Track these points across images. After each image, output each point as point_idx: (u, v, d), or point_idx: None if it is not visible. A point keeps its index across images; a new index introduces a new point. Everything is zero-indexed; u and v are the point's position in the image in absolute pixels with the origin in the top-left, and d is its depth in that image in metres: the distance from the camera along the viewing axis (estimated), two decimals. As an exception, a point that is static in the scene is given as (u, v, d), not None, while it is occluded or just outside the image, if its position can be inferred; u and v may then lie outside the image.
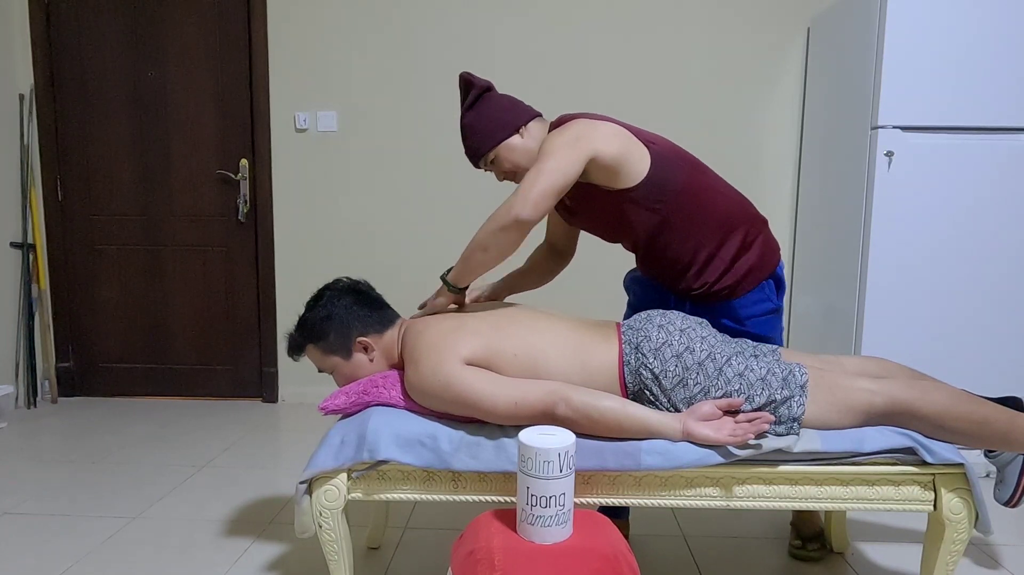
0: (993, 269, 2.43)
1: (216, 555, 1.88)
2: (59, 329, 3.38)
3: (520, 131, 1.64)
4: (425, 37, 3.15)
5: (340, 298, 1.62)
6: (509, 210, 1.47)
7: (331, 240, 3.28)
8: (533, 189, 1.47)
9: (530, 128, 1.66)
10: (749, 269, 1.68)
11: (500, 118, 1.64)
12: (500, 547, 1.21)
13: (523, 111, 1.66)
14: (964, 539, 1.41)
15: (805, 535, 1.90)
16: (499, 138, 1.63)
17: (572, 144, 1.53)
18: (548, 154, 1.52)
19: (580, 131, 1.55)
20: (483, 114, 1.65)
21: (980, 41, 2.34)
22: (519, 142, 1.64)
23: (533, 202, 1.46)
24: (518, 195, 1.47)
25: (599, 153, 1.54)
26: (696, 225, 1.65)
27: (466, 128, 1.67)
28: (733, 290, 1.68)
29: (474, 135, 1.65)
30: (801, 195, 3.10)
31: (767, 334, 1.73)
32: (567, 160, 1.51)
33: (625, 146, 1.58)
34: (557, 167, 1.50)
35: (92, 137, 3.29)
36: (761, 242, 1.71)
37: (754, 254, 1.69)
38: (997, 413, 1.41)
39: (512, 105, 1.67)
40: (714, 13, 3.07)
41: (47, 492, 2.28)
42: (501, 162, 1.66)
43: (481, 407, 1.41)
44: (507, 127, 1.64)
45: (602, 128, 1.57)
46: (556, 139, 1.54)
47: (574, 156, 1.51)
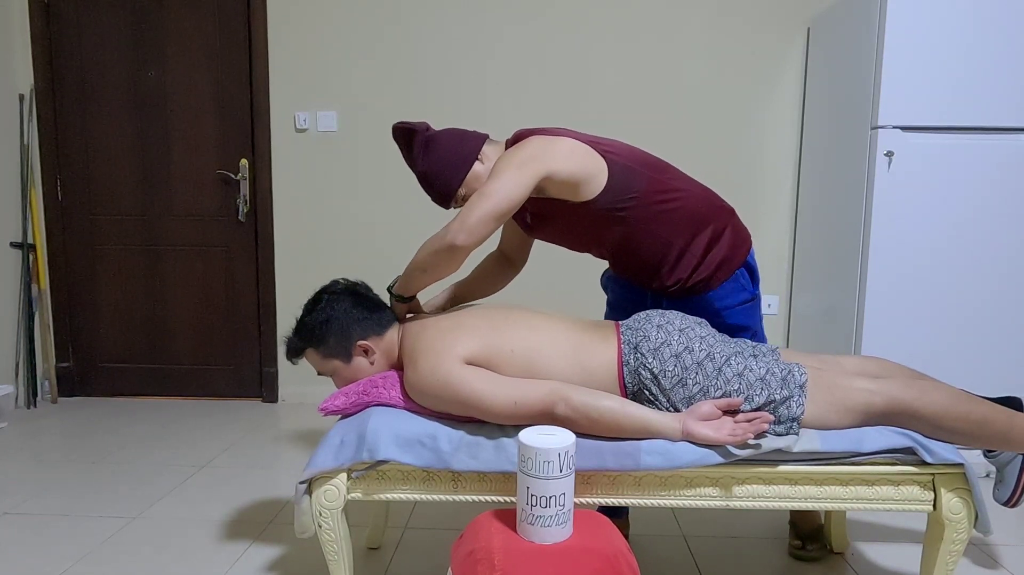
0: (993, 269, 2.43)
1: (216, 555, 1.88)
2: (59, 329, 3.38)
3: (480, 157, 1.64)
4: (425, 37, 3.15)
5: (338, 301, 1.61)
6: (445, 236, 1.48)
7: (331, 240, 3.28)
8: (472, 215, 1.47)
9: (486, 152, 1.65)
10: (721, 261, 1.68)
11: (456, 153, 1.63)
12: (500, 547, 1.21)
13: (472, 139, 1.65)
14: (964, 539, 1.41)
15: (804, 534, 1.90)
16: (463, 174, 1.62)
17: (521, 166, 1.51)
18: (494, 176, 1.51)
19: (533, 151, 1.54)
20: (437, 156, 1.63)
21: (980, 41, 2.34)
22: (482, 168, 1.63)
23: (469, 230, 1.47)
24: (457, 220, 1.47)
25: (553, 172, 1.54)
26: (663, 226, 1.65)
27: (427, 176, 1.64)
28: (708, 283, 1.69)
29: (438, 179, 1.63)
30: (801, 195, 3.10)
31: (747, 323, 1.73)
32: (512, 182, 1.49)
33: (582, 162, 1.57)
34: (501, 190, 1.49)
35: (92, 137, 3.29)
36: (730, 233, 1.71)
37: (724, 246, 1.69)
38: (996, 413, 1.41)
39: (460, 137, 1.65)
40: (714, 14, 3.07)
41: (47, 492, 2.28)
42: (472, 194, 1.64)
43: (480, 407, 1.41)
44: (467, 159, 1.62)
45: (558, 145, 1.56)
46: (508, 159, 1.54)
47: (522, 178, 1.50)
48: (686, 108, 3.13)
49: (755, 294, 1.75)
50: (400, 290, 1.63)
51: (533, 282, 3.19)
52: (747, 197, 3.16)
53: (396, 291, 1.64)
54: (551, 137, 1.59)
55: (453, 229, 1.47)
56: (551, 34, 3.12)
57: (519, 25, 3.12)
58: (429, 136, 1.65)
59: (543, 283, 3.21)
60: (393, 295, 1.65)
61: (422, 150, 1.64)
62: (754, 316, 1.75)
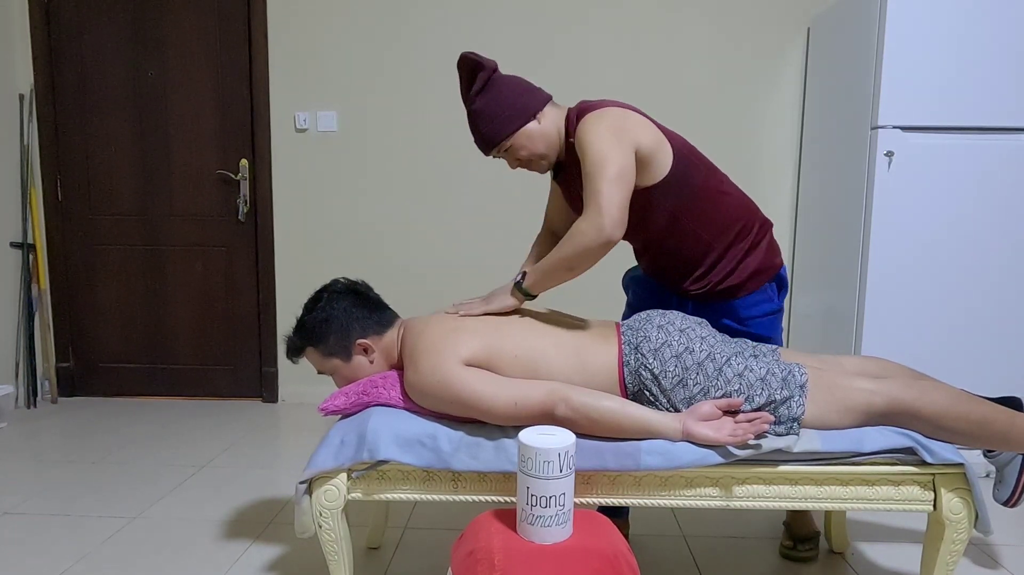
0: (993, 269, 2.43)
1: (216, 555, 1.88)
2: (59, 329, 3.38)
3: (537, 117, 1.58)
4: (425, 37, 3.15)
5: (338, 300, 1.61)
6: (600, 232, 1.42)
7: (331, 240, 3.28)
8: (614, 205, 1.42)
9: (546, 113, 1.59)
10: (754, 271, 1.67)
11: (516, 103, 1.56)
12: (500, 547, 1.21)
13: (538, 95, 1.59)
14: (964, 539, 1.41)
15: (797, 536, 1.89)
16: (516, 125, 1.56)
17: (619, 138, 1.47)
18: (604, 157, 1.45)
19: (618, 122, 1.50)
20: (496, 99, 1.55)
21: (980, 41, 2.34)
22: (537, 128, 1.58)
23: (618, 220, 1.43)
24: (599, 214, 1.42)
25: (638, 146, 1.51)
26: (707, 226, 1.63)
27: (478, 115, 1.56)
28: (736, 291, 1.68)
29: (488, 122, 1.56)
30: (801, 195, 3.10)
31: (768, 334, 1.73)
32: (625, 158, 1.46)
33: (657, 139, 1.55)
34: (622, 170, 1.45)
35: (92, 137, 3.29)
36: (766, 245, 1.70)
37: (759, 256, 1.68)
38: (996, 413, 1.41)
39: (527, 89, 1.59)
40: (714, 14, 3.07)
41: (47, 492, 2.28)
42: (517, 150, 1.59)
43: (480, 407, 1.41)
44: (524, 113, 1.56)
45: (635, 118, 1.53)
46: (598, 134, 1.47)
47: (627, 150, 1.47)
48: (686, 108, 3.13)
49: (780, 307, 1.75)
50: (534, 287, 1.54)
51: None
52: (747, 197, 3.15)
53: (531, 290, 1.54)
54: (625, 110, 1.55)
55: (603, 225, 1.42)
56: (551, 34, 3.12)
57: (519, 25, 3.12)
58: (495, 76, 1.57)
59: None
60: (525, 293, 1.55)
61: (483, 87, 1.56)
62: (776, 328, 1.75)
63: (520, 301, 1.57)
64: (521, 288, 1.55)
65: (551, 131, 1.59)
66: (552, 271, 1.50)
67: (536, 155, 1.60)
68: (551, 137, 1.60)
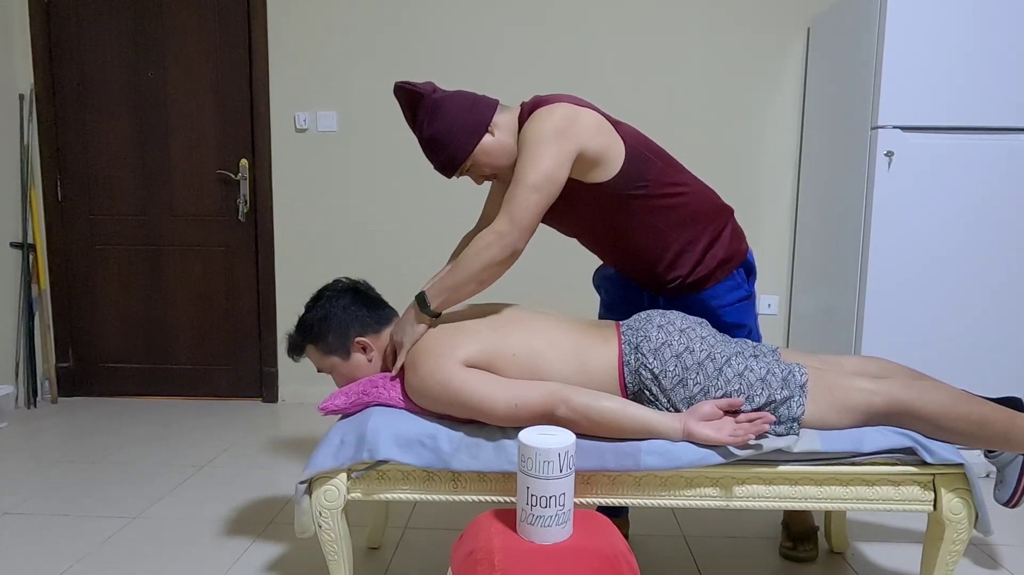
0: (993, 269, 2.43)
1: (216, 555, 1.88)
2: (59, 329, 3.38)
3: (490, 129, 1.54)
4: (425, 37, 3.15)
5: (338, 298, 1.62)
6: (503, 242, 1.42)
7: (331, 240, 3.28)
8: (526, 214, 1.41)
9: (497, 122, 1.55)
10: (722, 260, 1.67)
11: (466, 123, 1.51)
12: (500, 547, 1.20)
13: (484, 106, 1.54)
14: (964, 539, 1.41)
15: (796, 535, 1.89)
16: (472, 144, 1.52)
17: (557, 142, 1.44)
18: (530, 158, 1.43)
19: (562, 124, 1.46)
20: (446, 123, 1.51)
21: (980, 41, 2.34)
22: (492, 142, 1.54)
23: (525, 229, 1.42)
24: (507, 223, 1.41)
25: (583, 149, 1.49)
26: (666, 220, 1.61)
27: (433, 143, 1.53)
28: (706, 281, 1.67)
29: (443, 148, 1.53)
30: (801, 195, 3.10)
31: (742, 321, 1.72)
32: (555, 163, 1.43)
33: (606, 140, 1.53)
34: (547, 178, 1.43)
35: (92, 137, 3.29)
36: (730, 232, 1.69)
37: (724, 244, 1.67)
38: (997, 413, 1.41)
39: (472, 103, 1.54)
40: (714, 13, 3.07)
41: (47, 492, 2.28)
42: (480, 167, 1.56)
43: (480, 409, 1.41)
44: (477, 130, 1.52)
45: (585, 118, 1.50)
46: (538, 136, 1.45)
47: (561, 157, 1.44)
48: (686, 108, 3.13)
49: (751, 292, 1.74)
50: (441, 306, 1.49)
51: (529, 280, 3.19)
52: (747, 197, 3.16)
53: (439, 310, 1.50)
54: (577, 107, 1.51)
55: (508, 233, 1.41)
56: (551, 34, 3.12)
57: (519, 25, 3.12)
58: (436, 99, 1.52)
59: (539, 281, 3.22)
60: (430, 313, 1.50)
61: (428, 115, 1.52)
62: (749, 314, 1.75)
63: (429, 323, 1.51)
64: (428, 311, 1.50)
65: (506, 140, 1.56)
66: (459, 286, 1.47)
67: (498, 167, 1.57)
68: (508, 146, 1.56)
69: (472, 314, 1.56)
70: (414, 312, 1.51)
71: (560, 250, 3.04)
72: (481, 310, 1.59)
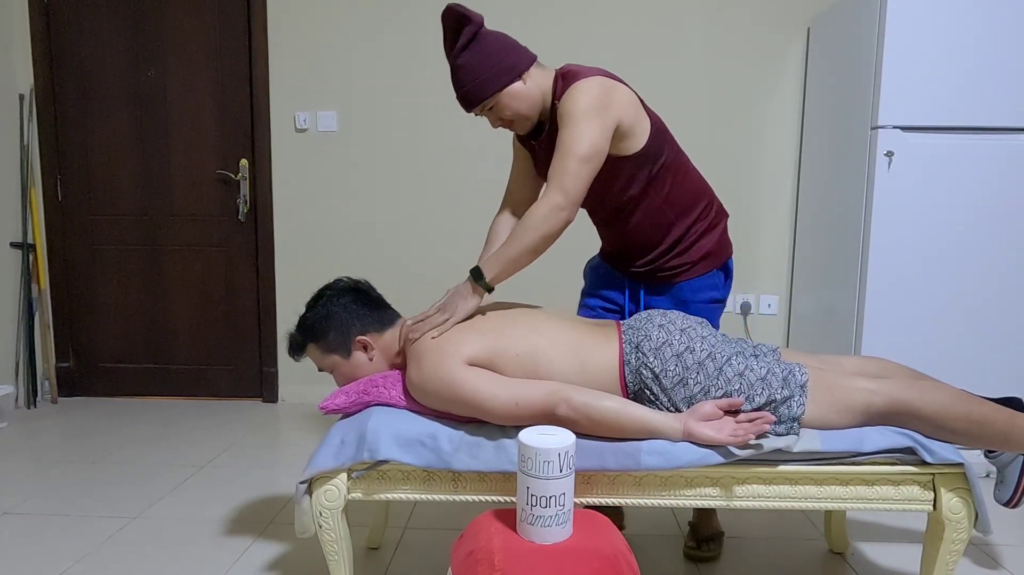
0: (993, 269, 2.43)
1: (216, 555, 1.88)
2: (59, 329, 3.38)
3: (523, 76, 1.55)
4: (425, 37, 3.15)
5: (339, 297, 1.62)
6: (560, 213, 1.44)
7: (331, 240, 3.28)
8: (578, 187, 1.44)
9: (532, 73, 1.56)
10: (707, 253, 1.71)
11: (502, 61, 1.51)
12: (500, 547, 1.21)
13: (524, 54, 1.56)
14: (964, 539, 1.41)
15: (702, 536, 1.90)
16: (502, 83, 1.52)
17: (600, 114, 1.47)
18: (574, 129, 1.45)
19: (602, 97, 1.49)
20: (482, 55, 1.50)
21: (980, 41, 2.34)
22: (522, 88, 1.55)
23: (576, 198, 1.45)
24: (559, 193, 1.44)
25: (621, 120, 1.51)
26: (673, 202, 1.66)
27: (463, 70, 1.51)
28: (686, 271, 1.70)
29: (473, 79, 1.51)
30: (801, 195, 3.10)
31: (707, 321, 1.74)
32: (599, 134, 1.46)
33: (638, 114, 1.56)
34: (595, 150, 1.45)
35: (92, 137, 3.29)
36: (722, 229, 1.75)
37: (714, 239, 1.71)
38: (997, 413, 1.41)
39: (513, 46, 1.55)
40: (714, 13, 3.07)
41: (47, 492, 2.28)
42: (501, 109, 1.56)
43: (482, 407, 1.41)
44: (510, 71, 1.52)
45: (621, 92, 1.54)
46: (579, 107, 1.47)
47: (604, 128, 1.47)
48: (686, 108, 3.13)
49: (724, 297, 1.78)
50: (496, 278, 1.50)
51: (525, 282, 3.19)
52: (747, 197, 3.16)
53: (493, 283, 1.50)
54: (612, 81, 1.55)
55: (561, 206, 1.43)
56: (551, 35, 3.12)
57: (518, 24, 3.12)
58: (479, 32, 1.52)
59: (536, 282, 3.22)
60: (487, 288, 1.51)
61: (468, 41, 1.51)
62: (716, 318, 1.78)
63: (482, 296, 1.53)
64: (483, 284, 1.50)
65: (535, 92, 1.57)
66: (516, 258, 1.48)
67: (520, 115, 1.58)
68: (535, 98, 1.58)
69: (474, 313, 1.56)
70: (469, 285, 1.51)
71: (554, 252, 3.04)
72: (483, 309, 1.59)
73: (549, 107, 1.61)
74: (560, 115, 1.52)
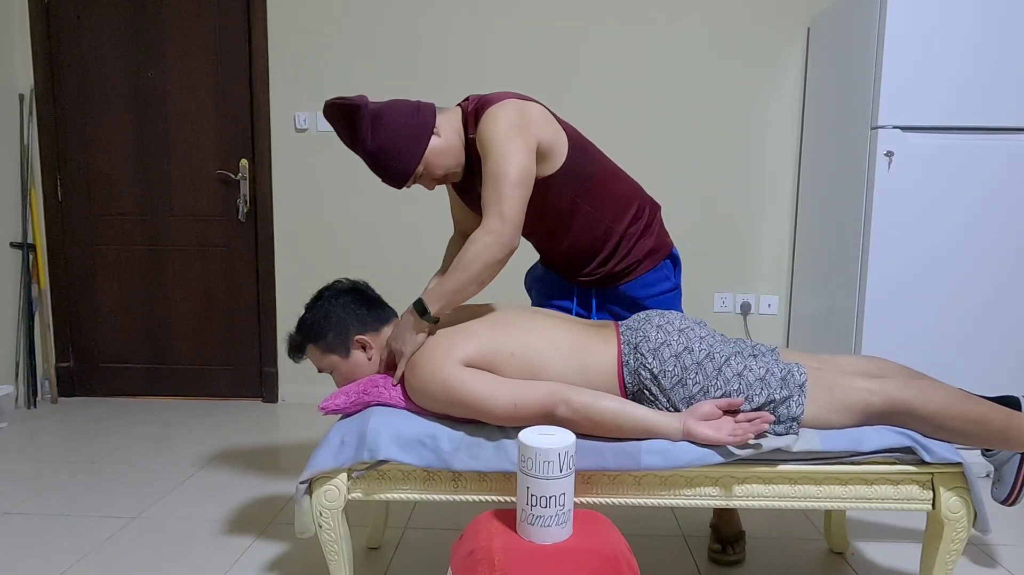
0: (993, 269, 2.43)
1: (216, 555, 1.88)
2: (59, 329, 3.38)
3: (435, 131, 1.53)
4: (424, 37, 3.15)
5: (338, 298, 1.63)
6: (502, 242, 1.42)
7: (331, 240, 3.28)
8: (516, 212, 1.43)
9: (440, 123, 1.55)
10: (650, 250, 1.72)
11: (411, 128, 1.50)
12: (500, 547, 1.21)
13: (424, 111, 1.53)
14: (963, 538, 1.42)
15: (725, 538, 1.89)
16: (422, 148, 1.51)
17: (521, 134, 1.46)
18: (506, 157, 1.43)
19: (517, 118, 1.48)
20: (390, 132, 1.49)
21: (980, 41, 2.34)
22: (440, 143, 1.53)
23: (516, 225, 1.44)
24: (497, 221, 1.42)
25: (540, 140, 1.51)
26: (606, 210, 1.66)
27: (380, 156, 1.50)
28: (634, 270, 1.72)
29: (395, 159, 1.50)
30: (801, 195, 3.11)
31: None
32: (527, 158, 1.46)
33: (554, 131, 1.56)
34: (524, 173, 1.44)
35: (92, 137, 3.29)
36: (658, 224, 1.76)
37: (653, 236, 1.73)
38: (995, 412, 1.41)
39: (414, 108, 1.53)
40: (714, 13, 3.07)
41: (47, 492, 2.28)
42: (432, 170, 1.55)
43: (480, 409, 1.41)
44: (423, 134, 1.50)
45: (535, 111, 1.53)
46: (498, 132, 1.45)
47: (527, 149, 1.46)
48: (685, 108, 3.13)
49: (677, 284, 1.79)
50: (441, 310, 1.47)
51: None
52: (747, 197, 3.16)
53: (439, 314, 1.47)
54: (522, 101, 1.53)
55: (502, 232, 1.42)
56: (550, 35, 3.12)
57: (518, 23, 3.12)
58: (375, 111, 1.49)
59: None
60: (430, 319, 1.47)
61: (370, 127, 1.48)
62: (675, 306, 1.79)
63: (428, 330, 1.49)
64: (428, 318, 1.47)
65: (453, 139, 1.56)
66: (459, 290, 1.45)
67: (450, 168, 1.57)
68: (455, 145, 1.56)
69: (471, 315, 1.56)
70: (412, 319, 1.48)
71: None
72: (480, 311, 1.59)
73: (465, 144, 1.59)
74: (480, 144, 1.50)
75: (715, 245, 3.18)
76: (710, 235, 3.17)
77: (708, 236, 3.18)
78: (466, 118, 1.58)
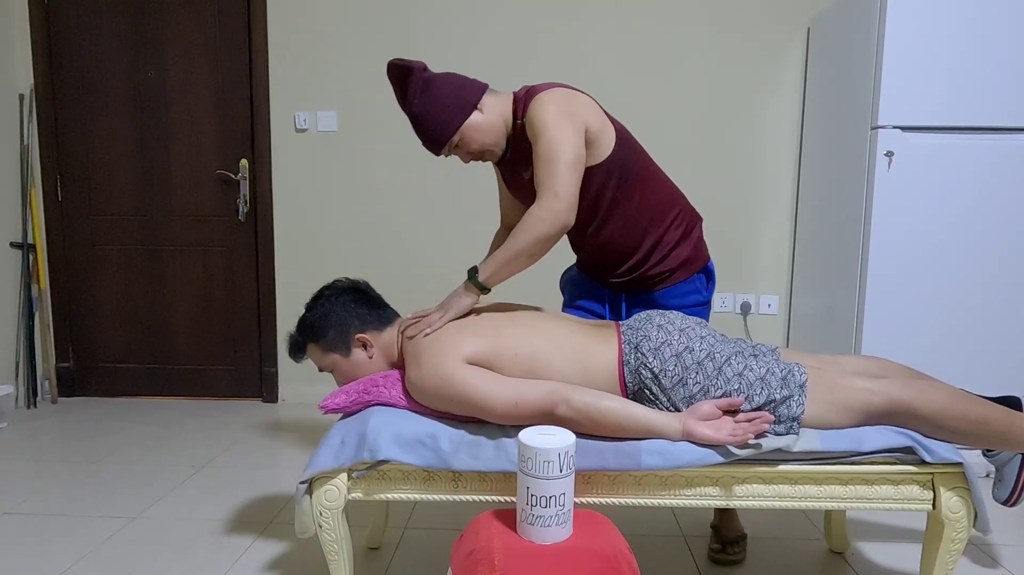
0: (993, 269, 2.43)
1: (216, 555, 1.88)
2: (59, 329, 3.38)
3: (479, 107, 1.58)
4: (425, 37, 3.15)
5: (339, 297, 1.63)
6: (556, 217, 1.46)
7: (331, 240, 3.28)
8: (570, 190, 1.46)
9: (487, 102, 1.60)
10: (685, 259, 1.71)
11: (455, 98, 1.56)
12: (500, 547, 1.21)
13: (474, 86, 1.60)
14: (963, 538, 1.41)
15: (726, 539, 1.89)
16: (461, 119, 1.56)
17: (570, 118, 1.50)
18: (558, 139, 1.48)
19: (568, 103, 1.53)
20: (435, 98, 1.55)
21: (980, 41, 2.34)
22: (481, 119, 1.58)
23: (570, 202, 1.47)
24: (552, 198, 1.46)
25: (588, 127, 1.54)
26: (644, 210, 1.67)
27: (421, 117, 1.56)
28: (667, 278, 1.71)
29: (433, 122, 1.56)
30: (801, 195, 3.11)
31: None
32: (578, 141, 1.49)
33: (602, 120, 1.59)
34: (576, 154, 1.48)
35: (92, 137, 3.29)
36: (697, 235, 1.76)
37: (690, 246, 1.72)
38: (995, 412, 1.41)
39: (462, 82, 1.59)
40: (714, 13, 3.08)
41: (47, 492, 2.28)
42: (468, 144, 1.59)
43: (481, 406, 1.41)
44: (466, 107, 1.56)
45: (583, 98, 1.57)
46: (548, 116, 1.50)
47: (577, 130, 1.50)
48: (686, 108, 3.13)
49: (708, 299, 1.78)
50: (491, 279, 1.51)
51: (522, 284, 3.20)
52: (747, 197, 3.16)
53: (487, 283, 1.52)
54: (573, 90, 1.58)
55: (557, 209, 1.45)
56: (550, 34, 3.12)
57: (518, 23, 3.12)
58: (427, 77, 1.56)
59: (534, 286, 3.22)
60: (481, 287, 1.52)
61: (419, 91, 1.55)
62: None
63: (477, 296, 1.55)
64: (477, 283, 1.53)
65: (495, 119, 1.60)
66: (510, 261, 1.50)
67: (486, 145, 1.61)
68: (496, 125, 1.60)
69: (474, 312, 1.56)
70: (464, 285, 1.54)
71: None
72: (483, 310, 1.59)
73: (512, 129, 1.63)
74: (530, 129, 1.54)
75: (715, 245, 3.18)
76: (710, 235, 3.17)
77: (708, 236, 3.18)
78: (516, 105, 1.62)
